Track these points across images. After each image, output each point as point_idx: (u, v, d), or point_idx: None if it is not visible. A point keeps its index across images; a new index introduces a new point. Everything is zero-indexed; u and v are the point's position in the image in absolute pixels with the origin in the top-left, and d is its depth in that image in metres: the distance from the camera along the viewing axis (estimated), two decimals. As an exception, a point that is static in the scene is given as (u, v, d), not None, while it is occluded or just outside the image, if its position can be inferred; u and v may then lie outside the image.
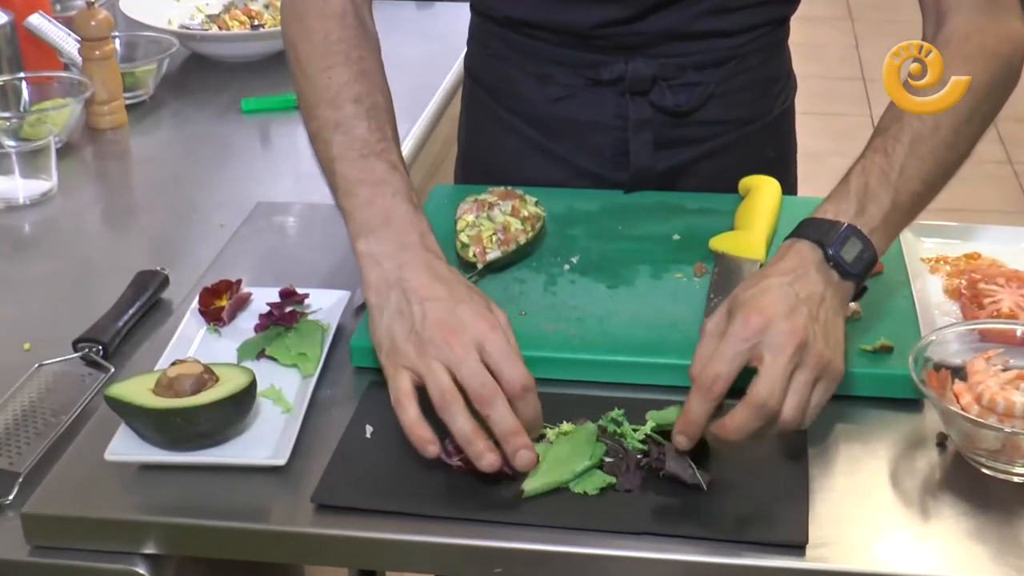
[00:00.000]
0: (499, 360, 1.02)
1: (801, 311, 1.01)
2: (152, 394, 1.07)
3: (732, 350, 1.00)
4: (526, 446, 1.01)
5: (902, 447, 1.07)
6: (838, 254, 1.06)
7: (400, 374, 1.04)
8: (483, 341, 1.02)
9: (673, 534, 0.97)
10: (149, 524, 1.02)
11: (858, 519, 1.00)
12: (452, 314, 1.04)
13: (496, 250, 1.27)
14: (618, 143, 1.44)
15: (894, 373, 1.11)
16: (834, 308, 1.04)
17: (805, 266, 1.05)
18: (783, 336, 0.99)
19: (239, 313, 1.26)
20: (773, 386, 0.99)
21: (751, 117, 1.48)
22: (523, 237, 1.29)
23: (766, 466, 1.04)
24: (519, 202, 1.32)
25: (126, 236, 1.62)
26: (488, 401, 1.01)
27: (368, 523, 1.00)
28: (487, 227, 1.29)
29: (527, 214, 1.31)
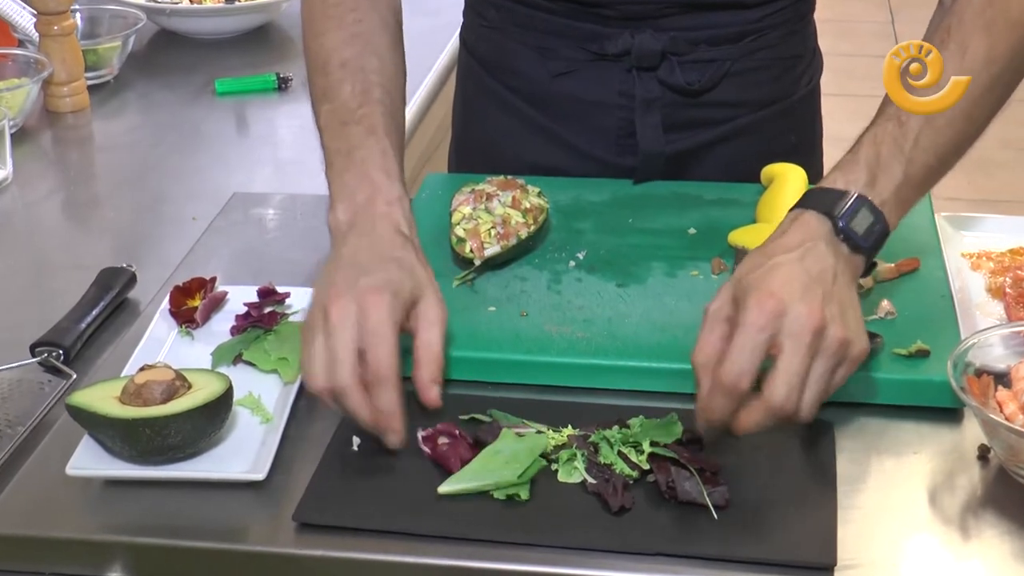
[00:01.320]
0: (366, 338, 1.04)
1: (815, 291, 1.01)
2: (118, 403, 1.07)
3: (751, 342, 1.00)
4: (391, 430, 1.04)
5: (940, 461, 1.08)
6: (848, 226, 1.06)
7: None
8: (362, 318, 1.04)
9: (686, 555, 0.98)
10: (115, 545, 1.03)
11: (891, 539, 1.00)
12: (352, 286, 1.06)
13: (495, 245, 1.28)
14: (624, 124, 1.45)
15: (931, 380, 1.12)
16: (846, 283, 1.05)
17: (813, 240, 1.05)
18: (801, 322, 0.99)
19: (213, 314, 1.27)
20: (791, 382, 1.00)
21: (771, 98, 1.48)
22: (524, 231, 1.30)
23: (789, 481, 1.04)
24: (520, 192, 1.33)
25: (88, 230, 1.63)
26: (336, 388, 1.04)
27: (355, 543, 1.00)
28: (485, 220, 1.29)
29: (529, 206, 1.32)
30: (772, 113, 1.48)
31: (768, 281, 1.02)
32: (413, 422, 1.08)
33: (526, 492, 1.02)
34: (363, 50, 1.24)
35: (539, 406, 1.12)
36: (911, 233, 1.34)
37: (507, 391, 1.15)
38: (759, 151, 1.46)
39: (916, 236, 1.33)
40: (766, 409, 1.00)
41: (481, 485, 1.02)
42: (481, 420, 1.10)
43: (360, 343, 1.04)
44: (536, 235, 1.32)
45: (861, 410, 1.12)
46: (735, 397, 1.01)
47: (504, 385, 1.16)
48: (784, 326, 1.00)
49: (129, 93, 1.97)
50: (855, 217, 1.07)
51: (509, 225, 1.29)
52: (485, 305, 1.24)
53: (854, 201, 1.07)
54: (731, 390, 1.01)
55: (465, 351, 1.18)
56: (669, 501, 1.01)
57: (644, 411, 1.10)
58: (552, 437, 1.07)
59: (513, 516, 1.01)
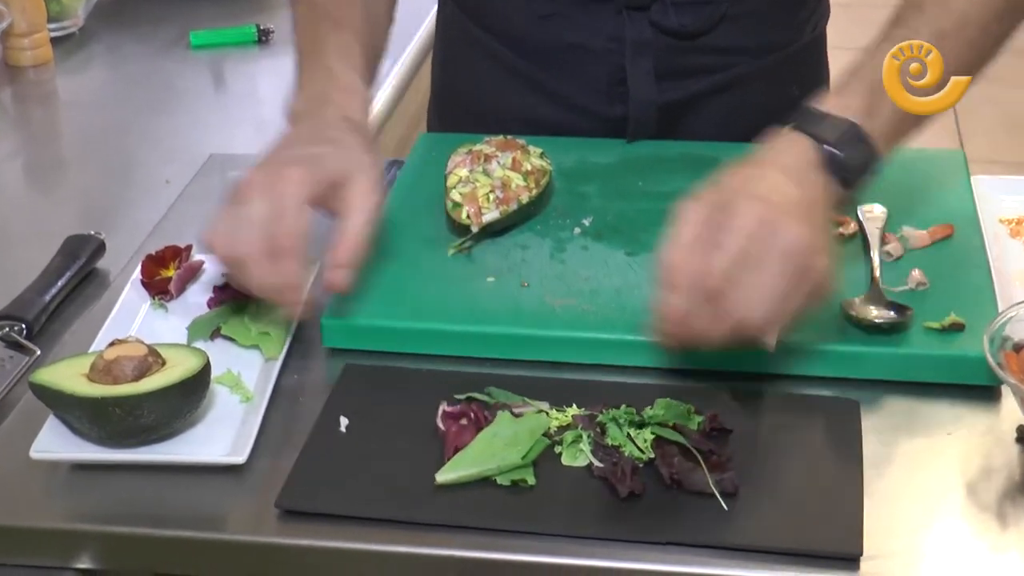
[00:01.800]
0: (274, 209, 1.11)
1: (807, 212, 1.04)
2: (86, 380, 1.07)
3: (736, 244, 1.01)
4: (289, 302, 1.13)
5: (975, 442, 1.08)
6: (838, 159, 1.08)
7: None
8: (272, 190, 1.11)
9: (700, 544, 0.98)
10: (82, 534, 1.03)
11: (922, 528, 1.01)
12: (273, 161, 1.14)
13: (494, 210, 1.28)
14: (614, 71, 1.45)
15: (966, 355, 1.12)
16: (828, 217, 1.08)
17: (805, 165, 1.08)
18: (792, 240, 1.01)
19: (189, 285, 1.27)
20: (771, 300, 1.02)
21: (771, 45, 1.48)
22: (525, 195, 1.30)
23: (812, 464, 1.04)
24: (521, 154, 1.33)
25: (53, 195, 1.63)
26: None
27: (344, 532, 1.01)
28: (483, 183, 1.29)
29: (530, 168, 1.32)
30: (773, 62, 1.48)
31: (758, 187, 1.05)
32: (439, 395, 1.09)
33: (531, 476, 1.02)
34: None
35: (541, 384, 1.12)
36: (944, 197, 1.34)
37: (507, 368, 1.15)
38: (758, 103, 1.47)
39: (950, 200, 1.33)
40: (737, 323, 1.02)
41: (482, 471, 1.02)
42: (479, 399, 1.10)
43: (269, 214, 1.10)
44: (538, 200, 1.32)
45: (890, 388, 1.13)
46: (713, 304, 1.02)
47: (503, 361, 1.16)
48: (776, 241, 1.01)
49: (96, 46, 1.97)
50: (846, 149, 1.08)
51: (509, 189, 1.29)
52: (483, 275, 1.24)
53: (850, 132, 1.09)
54: (713, 296, 1.02)
55: (461, 325, 1.18)
56: (668, 486, 1.01)
57: (657, 389, 1.10)
58: (555, 417, 1.07)
59: (515, 503, 1.01)
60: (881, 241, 1.26)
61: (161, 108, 1.80)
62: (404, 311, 1.20)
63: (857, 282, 1.20)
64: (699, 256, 1.03)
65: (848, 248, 1.27)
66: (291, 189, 1.12)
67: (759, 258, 1.01)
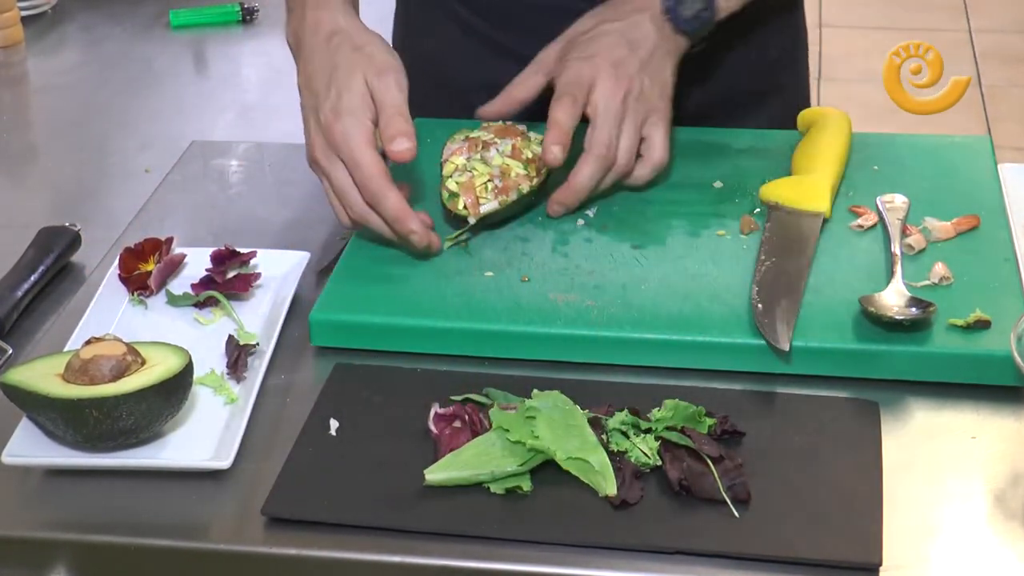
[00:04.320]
0: (349, 167, 1.25)
1: (631, 60, 1.31)
2: (61, 381, 1.08)
3: (563, 94, 1.29)
4: (408, 231, 1.24)
5: (1000, 447, 1.09)
6: (676, 9, 1.32)
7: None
8: (340, 151, 1.25)
9: (708, 553, 0.98)
10: (58, 543, 1.03)
11: (945, 536, 1.01)
12: (317, 129, 1.26)
13: (492, 201, 1.28)
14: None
15: (992, 354, 1.12)
16: (663, 54, 1.33)
17: (641, 13, 1.33)
18: (611, 86, 1.29)
19: (170, 280, 1.28)
20: (610, 132, 1.29)
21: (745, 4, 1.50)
22: (526, 184, 1.30)
23: (828, 469, 1.05)
24: (521, 140, 1.33)
25: (24, 184, 1.63)
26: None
27: (333, 540, 1.01)
28: (481, 172, 1.30)
29: (531, 155, 1.32)
30: (748, 23, 1.49)
31: (590, 46, 1.31)
32: (434, 397, 1.09)
33: (528, 483, 1.03)
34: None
35: (542, 384, 1.12)
36: (969, 186, 1.34)
37: (506, 367, 1.16)
38: (735, 67, 1.50)
39: (975, 190, 1.34)
40: (593, 157, 1.29)
41: (475, 475, 1.03)
42: (476, 400, 1.10)
43: (349, 176, 1.24)
44: (539, 189, 1.32)
45: (911, 389, 1.13)
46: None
47: (502, 361, 1.17)
48: (598, 89, 1.29)
49: (69, 25, 1.97)
50: (683, 3, 1.32)
51: (508, 178, 1.30)
52: (481, 270, 1.25)
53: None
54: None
55: (458, 322, 1.18)
56: (676, 493, 1.02)
57: (665, 390, 1.10)
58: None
59: (512, 510, 1.02)
60: (902, 233, 1.26)
61: (139, 92, 1.80)
62: (397, 307, 1.20)
63: (876, 276, 1.21)
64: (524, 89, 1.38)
65: (867, 240, 1.27)
66: (354, 140, 1.23)
67: (592, 107, 1.29)
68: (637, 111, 1.30)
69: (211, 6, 1.97)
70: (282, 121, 1.70)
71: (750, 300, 1.17)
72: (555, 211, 1.31)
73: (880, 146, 1.43)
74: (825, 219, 1.29)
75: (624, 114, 1.30)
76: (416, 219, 1.24)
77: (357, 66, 1.26)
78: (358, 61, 1.27)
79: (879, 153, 1.41)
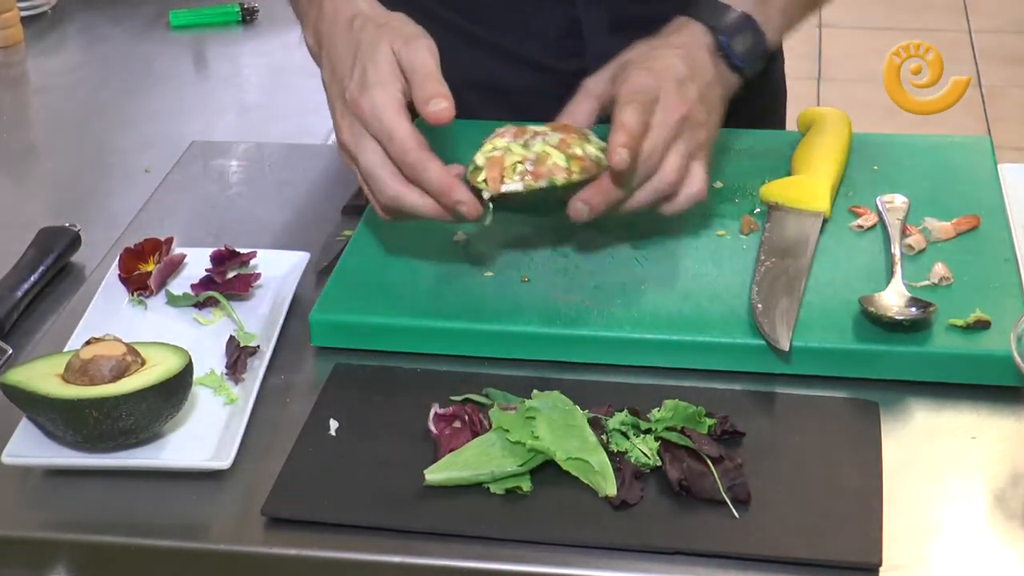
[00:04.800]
0: (382, 142, 1.16)
1: (693, 84, 1.23)
2: (61, 381, 1.08)
3: (629, 100, 1.18)
4: (457, 202, 1.14)
5: (1000, 447, 1.09)
6: (729, 45, 1.26)
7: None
8: (369, 127, 1.16)
9: (709, 553, 0.98)
10: (58, 543, 1.03)
11: (944, 537, 1.01)
12: (344, 113, 1.18)
13: (517, 181, 1.18)
14: (564, 23, 1.47)
15: (991, 354, 1.12)
16: (718, 95, 1.26)
17: (697, 47, 1.26)
18: (674, 102, 1.21)
19: (169, 280, 1.28)
20: (660, 144, 1.19)
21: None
22: (561, 176, 1.18)
23: (828, 469, 1.05)
24: (575, 137, 1.21)
25: (25, 185, 1.63)
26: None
27: (331, 540, 1.01)
28: (515, 152, 1.20)
29: (580, 153, 1.19)
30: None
31: (650, 62, 1.23)
32: (434, 397, 1.09)
33: (528, 484, 1.03)
34: None
35: (542, 385, 1.12)
36: (970, 187, 1.34)
37: (506, 368, 1.16)
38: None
39: (975, 190, 1.34)
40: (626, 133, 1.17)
41: (475, 476, 1.03)
42: (476, 400, 1.10)
43: (383, 153, 1.16)
44: (573, 187, 1.20)
45: (911, 389, 1.13)
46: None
47: (502, 361, 1.17)
48: (658, 105, 1.20)
49: (69, 26, 1.97)
50: (737, 37, 1.26)
51: (543, 164, 1.18)
52: (481, 270, 1.25)
53: (738, 21, 1.26)
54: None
55: (458, 322, 1.18)
56: (673, 492, 1.02)
57: (665, 390, 1.10)
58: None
59: (512, 510, 1.02)
60: (902, 233, 1.26)
61: (139, 92, 1.80)
62: (397, 307, 1.20)
63: (876, 277, 1.21)
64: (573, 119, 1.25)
65: (867, 240, 1.27)
66: (385, 111, 1.15)
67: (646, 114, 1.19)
68: (690, 138, 1.22)
69: (211, 6, 1.97)
70: (282, 121, 1.70)
71: (750, 300, 1.18)
72: (577, 210, 1.19)
73: (880, 146, 1.43)
74: (825, 219, 1.29)
75: (679, 134, 1.21)
76: (463, 187, 1.15)
77: (382, 38, 1.18)
78: (383, 34, 1.19)
79: (879, 153, 1.41)
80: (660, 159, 1.19)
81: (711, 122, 1.24)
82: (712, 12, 1.27)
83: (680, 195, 1.22)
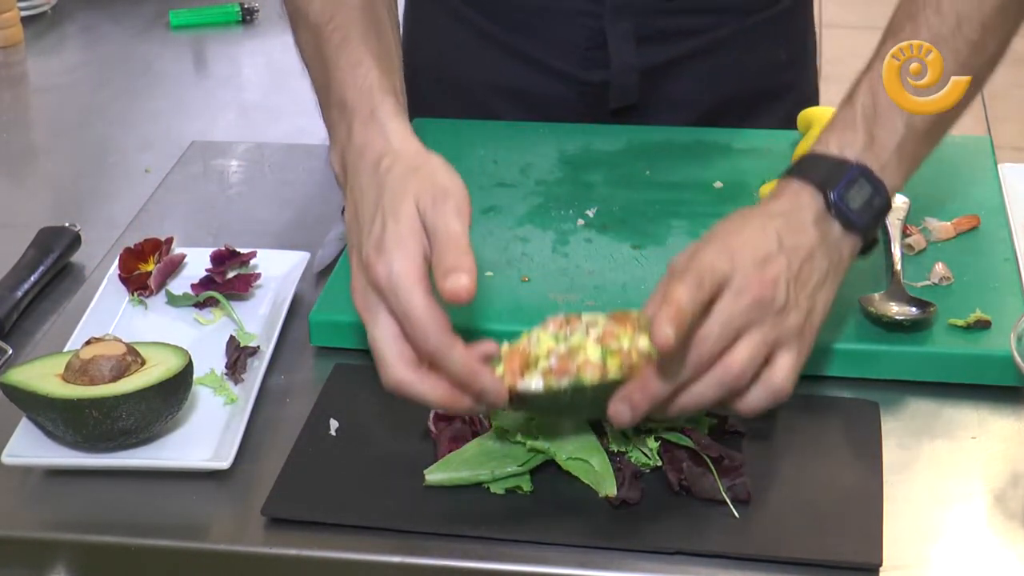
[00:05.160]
0: (399, 318, 1.01)
1: (778, 262, 1.02)
2: (61, 381, 1.08)
3: (688, 272, 0.99)
4: (482, 392, 0.98)
5: (1001, 447, 1.09)
6: (842, 200, 1.06)
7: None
8: (385, 299, 1.01)
9: (708, 553, 0.98)
10: (57, 543, 1.03)
11: (945, 537, 1.01)
12: (362, 270, 1.04)
13: (537, 380, 1.00)
14: (592, 35, 1.47)
15: (992, 354, 1.12)
16: (823, 270, 1.05)
17: (800, 211, 1.06)
18: (749, 285, 1.00)
19: (169, 280, 1.28)
20: (724, 333, 0.99)
21: (755, 5, 1.50)
22: (592, 375, 0.99)
23: (828, 469, 1.05)
24: (626, 328, 1.02)
25: (24, 185, 1.63)
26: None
27: (331, 541, 1.01)
28: (544, 342, 1.02)
29: (625, 348, 1.01)
30: (757, 23, 1.50)
31: (731, 237, 1.03)
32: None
33: (528, 483, 1.03)
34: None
35: (543, 385, 1.12)
36: (970, 187, 1.34)
37: (506, 368, 1.16)
38: (744, 67, 1.49)
39: (975, 190, 1.34)
40: (688, 357, 0.98)
41: (475, 476, 1.03)
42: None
43: (399, 328, 1.01)
44: (610, 389, 1.00)
45: (911, 389, 1.13)
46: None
47: (503, 361, 1.17)
48: (731, 282, 1.00)
49: (70, 26, 1.97)
50: (849, 191, 1.06)
51: (571, 359, 1.00)
52: (482, 270, 1.23)
53: (848, 171, 1.07)
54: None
55: (458, 322, 1.18)
56: (674, 492, 1.02)
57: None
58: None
59: (512, 510, 1.02)
60: (902, 233, 1.26)
61: (139, 92, 1.80)
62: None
63: (877, 277, 1.21)
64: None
65: (867, 241, 1.27)
66: (402, 281, 1.00)
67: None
68: (773, 325, 1.01)
69: (211, 6, 1.97)
70: (282, 121, 1.70)
71: (750, 300, 1.17)
72: (617, 411, 0.99)
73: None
74: (825, 219, 1.29)
75: (752, 322, 1.00)
76: (489, 372, 0.99)
77: (408, 190, 1.03)
78: (411, 184, 1.04)
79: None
80: (723, 347, 1.00)
81: (806, 305, 1.03)
82: (815, 166, 1.08)
83: (754, 390, 1.02)
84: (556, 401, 1.00)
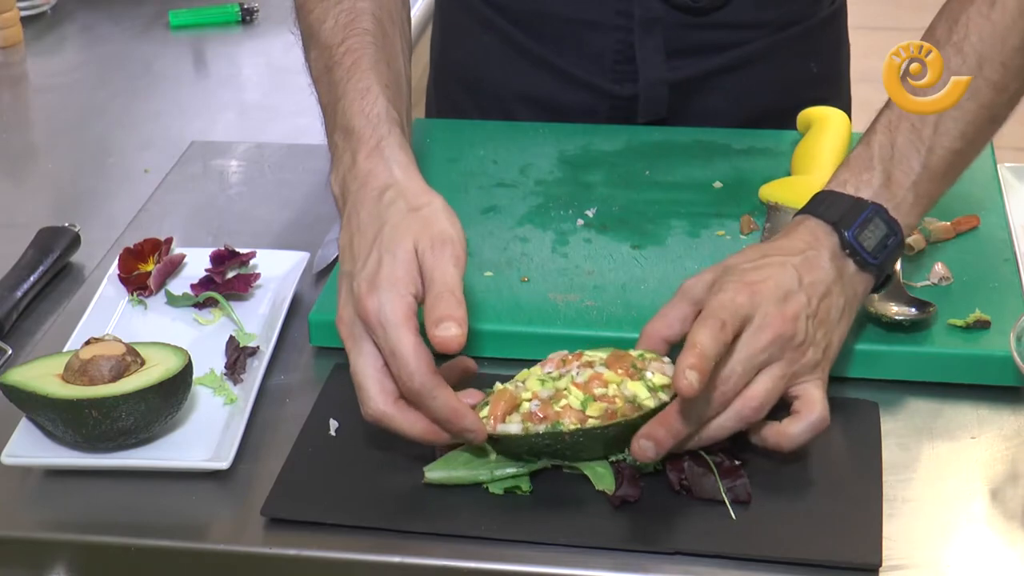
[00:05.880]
0: (384, 354, 1.02)
1: (798, 299, 1.04)
2: (60, 381, 1.08)
3: (711, 315, 1.01)
4: (465, 431, 1.01)
5: (1000, 447, 1.09)
6: (857, 240, 1.08)
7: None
8: (372, 332, 1.02)
9: (708, 553, 0.98)
10: (57, 544, 1.03)
11: (945, 537, 1.01)
12: (351, 298, 1.05)
13: (516, 424, 1.02)
14: (622, 48, 1.47)
15: (991, 354, 1.12)
16: (839, 307, 1.07)
17: (817, 249, 1.08)
18: (766, 320, 1.02)
19: (169, 280, 1.28)
20: (745, 370, 1.01)
21: (788, 20, 1.50)
22: (570, 422, 1.00)
23: (828, 469, 1.05)
24: (621, 372, 1.03)
25: (24, 185, 1.63)
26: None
27: (331, 541, 1.01)
28: (532, 387, 1.04)
29: (610, 394, 1.02)
30: (789, 37, 1.49)
31: (751, 273, 1.05)
32: None
33: (527, 484, 1.03)
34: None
35: (543, 385, 1.12)
36: (970, 187, 1.34)
37: (505, 367, 1.16)
38: (775, 81, 1.49)
39: (975, 190, 1.34)
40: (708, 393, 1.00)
41: (474, 476, 1.03)
42: (476, 401, 1.10)
43: (384, 367, 1.03)
44: (589, 439, 1.01)
45: (911, 389, 1.13)
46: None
47: (502, 360, 1.17)
48: (753, 319, 1.02)
49: (69, 26, 1.97)
50: (865, 230, 1.08)
51: (551, 407, 1.02)
52: (481, 270, 1.25)
53: (864, 211, 1.09)
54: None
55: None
56: (674, 492, 1.02)
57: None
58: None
59: (512, 510, 1.02)
60: (902, 233, 1.26)
61: (139, 92, 1.80)
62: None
63: (877, 277, 1.21)
64: (671, 331, 1.07)
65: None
66: (390, 317, 1.01)
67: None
68: (791, 360, 1.03)
69: (211, 6, 1.97)
70: (282, 121, 1.70)
71: (750, 300, 1.17)
72: (641, 448, 0.99)
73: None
74: (825, 219, 1.29)
75: (772, 358, 1.02)
76: (473, 414, 1.01)
77: (409, 230, 1.04)
78: (411, 224, 1.05)
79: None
80: (744, 383, 1.02)
81: (824, 341, 1.06)
82: (832, 205, 1.10)
83: (794, 423, 1.03)
84: (532, 445, 1.02)
